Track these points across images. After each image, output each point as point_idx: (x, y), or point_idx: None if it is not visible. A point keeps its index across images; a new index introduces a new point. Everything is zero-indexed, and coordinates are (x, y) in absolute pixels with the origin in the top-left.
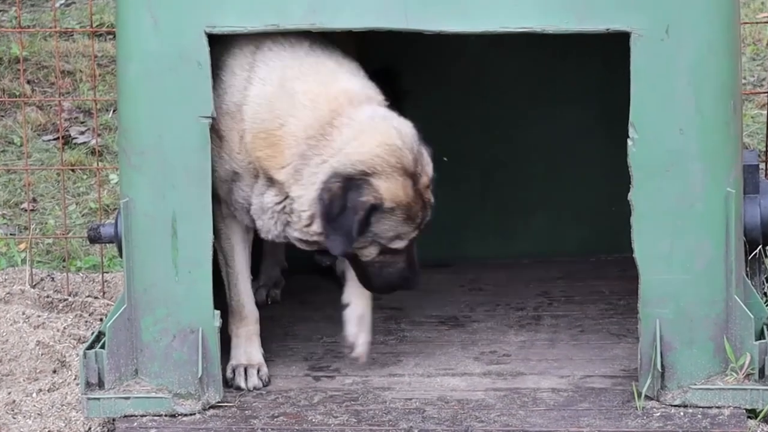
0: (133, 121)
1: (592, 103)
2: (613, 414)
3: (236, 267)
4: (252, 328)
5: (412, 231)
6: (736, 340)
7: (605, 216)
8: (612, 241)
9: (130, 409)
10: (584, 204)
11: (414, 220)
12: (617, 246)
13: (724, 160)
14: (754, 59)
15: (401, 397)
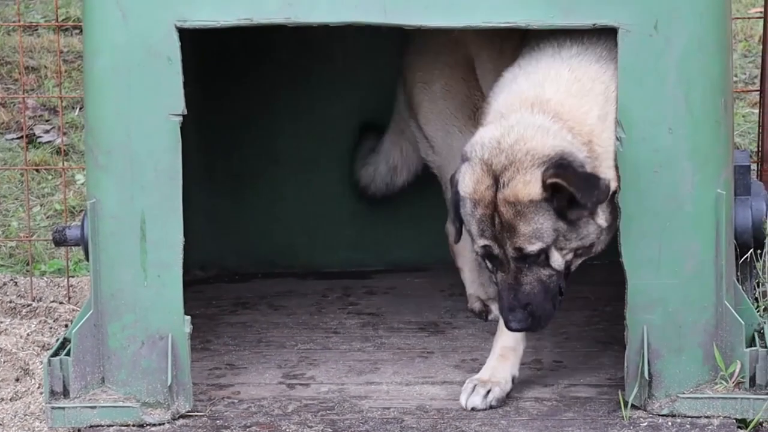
0: (101, 118)
1: None
2: (598, 424)
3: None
4: (509, 344)
5: (479, 235)
6: (726, 348)
7: None
8: None
9: (96, 419)
10: None
11: (481, 224)
12: (603, 251)
13: (715, 160)
14: (745, 56)
15: (379, 407)
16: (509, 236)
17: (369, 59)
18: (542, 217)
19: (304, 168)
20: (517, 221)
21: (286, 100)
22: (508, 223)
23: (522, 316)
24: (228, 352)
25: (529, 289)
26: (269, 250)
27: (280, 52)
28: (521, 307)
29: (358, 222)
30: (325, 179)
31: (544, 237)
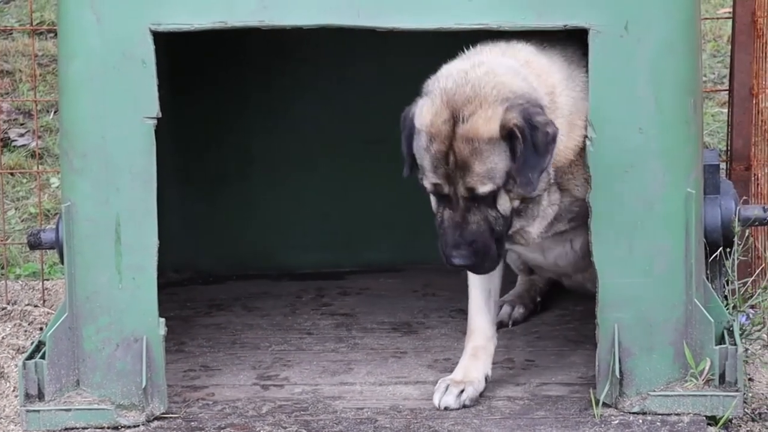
0: (76, 122)
1: None
2: (570, 422)
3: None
4: (479, 344)
5: (432, 172)
6: (696, 345)
7: None
8: None
9: (71, 421)
10: None
11: (435, 160)
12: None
13: (685, 159)
14: (714, 56)
15: (352, 407)
16: (462, 175)
17: (342, 60)
18: (498, 157)
19: (278, 170)
20: (473, 160)
21: (259, 102)
22: (462, 161)
23: (467, 252)
24: (202, 353)
25: (476, 228)
26: (243, 252)
27: (254, 54)
28: (466, 244)
29: (332, 223)
30: (298, 181)
31: (496, 178)
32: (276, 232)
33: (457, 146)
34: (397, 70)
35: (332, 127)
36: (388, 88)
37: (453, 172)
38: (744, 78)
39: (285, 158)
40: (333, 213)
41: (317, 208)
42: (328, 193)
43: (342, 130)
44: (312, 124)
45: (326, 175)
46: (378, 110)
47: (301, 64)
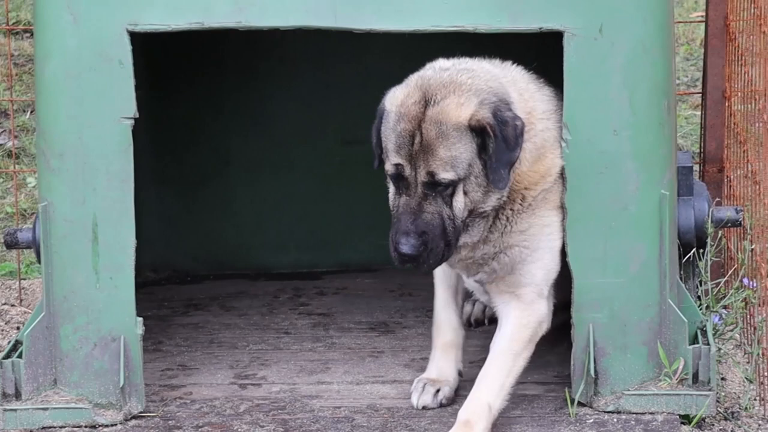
0: (52, 122)
1: None
2: (545, 421)
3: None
4: (448, 339)
5: (395, 152)
6: (670, 345)
7: None
8: None
9: (48, 420)
10: None
11: (400, 139)
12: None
13: (658, 161)
14: (687, 59)
15: (330, 406)
16: (425, 158)
17: (320, 62)
18: (463, 146)
19: (255, 170)
20: (438, 143)
21: (237, 103)
22: (428, 143)
23: (415, 242)
24: (180, 353)
25: (429, 219)
26: (220, 251)
27: (232, 55)
28: (417, 234)
29: (309, 223)
30: (275, 181)
31: (458, 168)
32: (253, 232)
33: (424, 127)
34: (375, 72)
35: (310, 127)
36: (366, 89)
37: (416, 154)
38: (717, 81)
39: (263, 159)
40: (310, 213)
41: (295, 208)
42: (305, 193)
43: (320, 131)
44: (290, 124)
45: (304, 175)
46: (356, 111)
47: (279, 65)
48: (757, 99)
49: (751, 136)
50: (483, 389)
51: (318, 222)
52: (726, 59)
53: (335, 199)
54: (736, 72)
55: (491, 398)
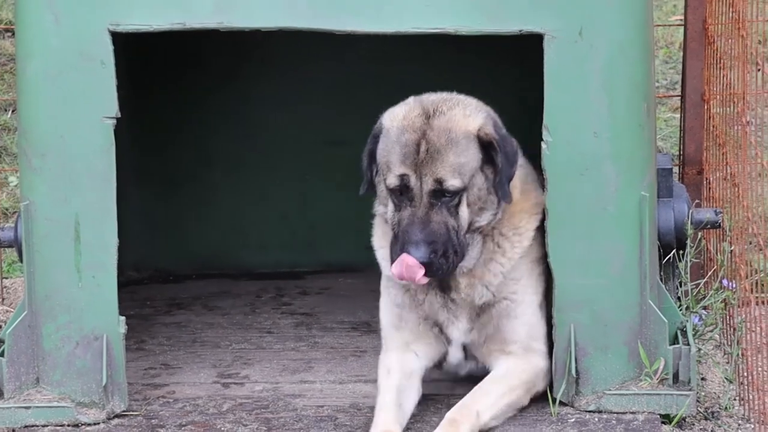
0: (34, 121)
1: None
2: (527, 420)
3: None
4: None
5: (400, 162)
6: (651, 345)
7: None
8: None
9: (31, 419)
10: None
11: (405, 148)
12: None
13: (638, 163)
14: (666, 62)
15: (313, 405)
16: (432, 166)
17: (302, 63)
18: (471, 155)
19: (238, 170)
20: (447, 149)
21: (219, 103)
22: (436, 150)
23: (426, 250)
24: (163, 352)
25: (437, 228)
26: (203, 251)
27: (213, 55)
28: (426, 243)
29: (291, 223)
30: (258, 181)
31: (465, 176)
32: (236, 231)
33: (431, 135)
34: (357, 73)
35: (292, 128)
36: (349, 90)
37: (423, 162)
38: (696, 84)
39: (245, 158)
40: (293, 213)
41: (277, 208)
42: (287, 193)
43: (302, 132)
44: (272, 125)
45: (286, 175)
46: (337, 112)
47: (261, 66)
48: (736, 102)
49: (730, 139)
50: (475, 397)
51: (300, 222)
52: (705, 62)
53: (318, 199)
54: (714, 75)
55: (481, 408)
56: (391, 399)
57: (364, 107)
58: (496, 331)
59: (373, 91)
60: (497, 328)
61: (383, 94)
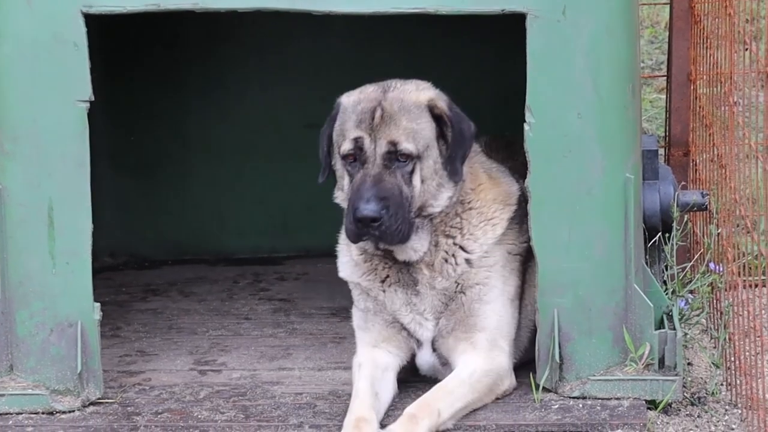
0: (6, 105)
1: (488, 87)
2: (510, 407)
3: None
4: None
5: (355, 126)
6: (636, 330)
7: None
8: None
9: (4, 406)
10: None
11: (360, 115)
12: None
13: (623, 144)
14: (652, 42)
15: (291, 392)
16: (387, 130)
17: (280, 45)
18: (424, 123)
19: (215, 154)
20: (401, 115)
21: (196, 86)
22: (390, 115)
23: (376, 206)
24: (138, 338)
25: (389, 187)
26: (179, 236)
27: (190, 38)
28: (377, 198)
29: (269, 208)
30: (234, 165)
31: (419, 143)
32: (212, 216)
33: (385, 105)
34: (336, 55)
35: (270, 112)
36: (326, 72)
37: (377, 126)
38: (682, 64)
39: (222, 143)
40: (270, 198)
41: (255, 192)
42: (265, 177)
43: (280, 115)
44: (250, 108)
45: (264, 159)
46: (316, 95)
47: (238, 48)
48: (723, 82)
49: (717, 120)
50: (436, 395)
51: (278, 207)
52: (691, 42)
53: (296, 184)
54: (701, 54)
55: (441, 406)
56: (364, 386)
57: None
58: (466, 315)
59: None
60: (468, 312)
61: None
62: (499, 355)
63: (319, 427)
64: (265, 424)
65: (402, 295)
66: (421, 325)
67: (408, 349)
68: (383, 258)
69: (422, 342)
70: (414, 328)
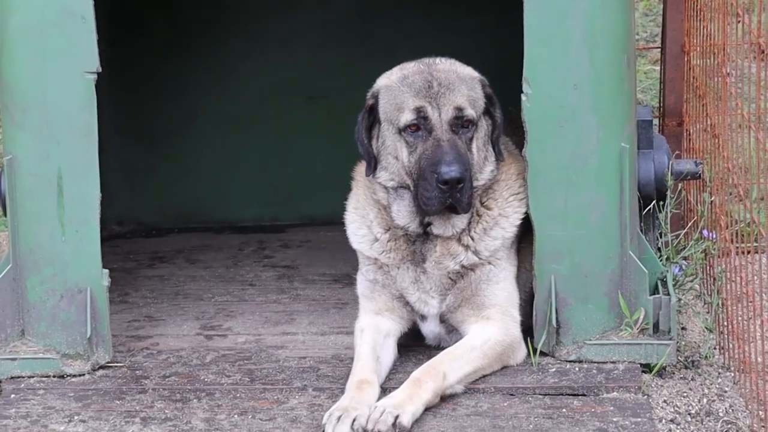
0: (16, 77)
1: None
2: (509, 370)
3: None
4: (367, 377)
5: (415, 96)
6: (631, 296)
7: None
8: None
9: (17, 370)
10: None
11: (415, 86)
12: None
13: (619, 115)
14: (646, 15)
15: (295, 356)
16: (449, 95)
17: (284, 18)
18: (478, 92)
19: (220, 125)
20: (460, 84)
21: (200, 58)
22: (448, 84)
23: (458, 167)
24: (146, 304)
25: (463, 152)
26: (185, 205)
27: (195, 10)
28: (459, 161)
29: (273, 177)
30: (239, 135)
31: (477, 111)
32: (218, 185)
33: (438, 75)
34: (337, 27)
35: (273, 83)
36: (328, 44)
37: (438, 94)
38: (676, 36)
39: (227, 113)
40: (274, 167)
41: (259, 162)
42: (269, 147)
43: (283, 87)
44: (253, 80)
45: (267, 130)
46: (319, 67)
47: (242, 20)
48: (716, 53)
49: (710, 90)
50: (442, 359)
51: (281, 176)
52: (685, 14)
53: (298, 154)
54: (695, 27)
55: (448, 369)
56: (367, 351)
57: (344, 62)
58: (474, 294)
59: (353, 46)
60: (476, 291)
61: (363, 49)
62: (512, 326)
63: (322, 390)
64: (270, 387)
65: (412, 273)
66: (426, 303)
67: (410, 320)
68: (416, 236)
69: (427, 317)
70: (419, 307)
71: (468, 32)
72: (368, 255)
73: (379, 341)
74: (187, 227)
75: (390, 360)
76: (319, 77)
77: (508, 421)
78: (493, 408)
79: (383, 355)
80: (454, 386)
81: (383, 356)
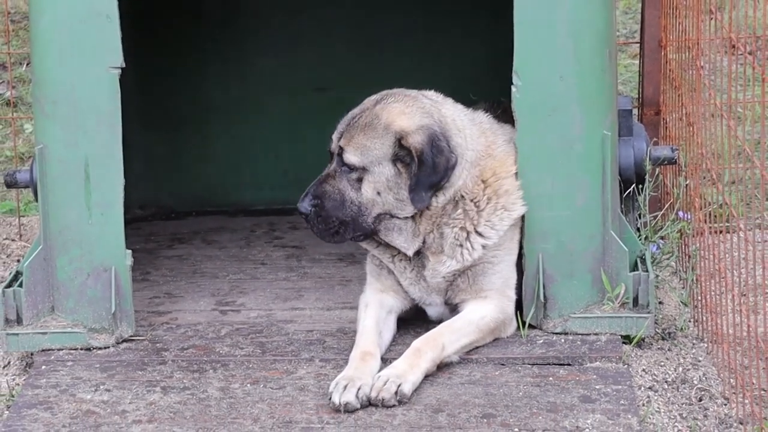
0: (46, 71)
1: (479, 52)
2: (500, 342)
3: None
4: (369, 350)
5: (337, 127)
6: (612, 272)
7: None
8: None
9: (47, 343)
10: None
11: (345, 118)
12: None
13: (601, 105)
14: (626, 13)
15: (303, 329)
16: (347, 136)
17: (292, 14)
18: (380, 144)
19: (234, 115)
20: (362, 130)
21: (215, 54)
22: (356, 126)
23: (307, 204)
24: (166, 282)
25: (329, 190)
26: (202, 190)
27: (211, 8)
28: (312, 196)
29: (282, 163)
30: (253, 125)
31: (365, 158)
32: (232, 171)
33: (363, 115)
34: (344, 24)
35: (283, 76)
36: (333, 40)
37: (344, 132)
38: (653, 32)
39: (240, 104)
40: (284, 154)
41: (270, 149)
42: (279, 136)
43: (292, 79)
44: (264, 73)
45: (278, 119)
46: (325, 61)
47: (254, 18)
48: (690, 48)
49: (685, 82)
50: (442, 331)
51: (291, 162)
52: (662, 11)
53: (306, 142)
54: (671, 23)
55: (446, 341)
56: (370, 324)
57: (349, 56)
58: (472, 284)
59: (357, 42)
60: (473, 281)
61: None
62: (508, 305)
63: (328, 361)
64: (280, 358)
65: (411, 275)
66: (428, 300)
67: (413, 302)
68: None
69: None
70: (422, 301)
71: (468, 32)
72: (373, 253)
73: (382, 317)
74: (204, 210)
75: (390, 334)
76: (326, 70)
77: (500, 388)
78: (486, 377)
79: (384, 330)
80: (450, 356)
81: (384, 331)
